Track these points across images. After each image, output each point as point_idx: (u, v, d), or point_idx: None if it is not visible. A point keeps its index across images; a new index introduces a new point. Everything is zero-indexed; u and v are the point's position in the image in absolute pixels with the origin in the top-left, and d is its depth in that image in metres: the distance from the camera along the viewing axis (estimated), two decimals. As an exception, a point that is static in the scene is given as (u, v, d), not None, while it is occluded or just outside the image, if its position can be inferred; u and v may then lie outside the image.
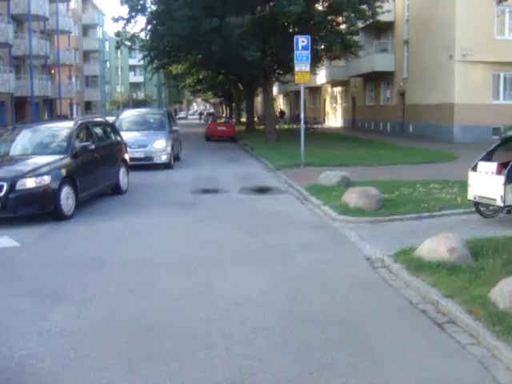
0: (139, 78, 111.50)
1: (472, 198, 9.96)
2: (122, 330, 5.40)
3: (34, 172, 10.71)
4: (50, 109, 53.78)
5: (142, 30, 34.87)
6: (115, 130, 15.25)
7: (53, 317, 5.80)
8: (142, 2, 32.15)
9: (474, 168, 9.90)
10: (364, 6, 31.34)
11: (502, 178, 9.20)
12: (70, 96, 59.21)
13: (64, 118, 45.30)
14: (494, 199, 9.39)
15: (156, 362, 4.71)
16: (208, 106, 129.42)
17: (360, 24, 33.94)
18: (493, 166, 9.50)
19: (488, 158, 9.94)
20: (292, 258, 7.91)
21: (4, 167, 11.31)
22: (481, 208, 10.06)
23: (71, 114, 59.94)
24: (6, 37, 39.27)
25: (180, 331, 5.33)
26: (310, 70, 19.71)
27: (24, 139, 12.79)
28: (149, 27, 33.57)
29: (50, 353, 4.93)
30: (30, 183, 10.48)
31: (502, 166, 9.42)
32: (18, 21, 46.56)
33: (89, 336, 5.30)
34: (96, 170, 12.59)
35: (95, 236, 9.71)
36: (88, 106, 72.40)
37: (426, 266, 6.83)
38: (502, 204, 9.29)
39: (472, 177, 9.90)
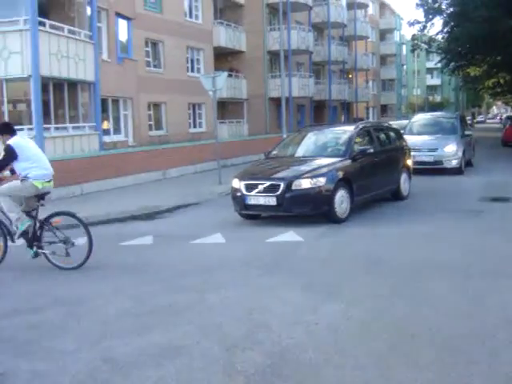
0: (436, 81, 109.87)
1: None
2: (384, 333, 5.44)
3: (311, 173, 11.23)
4: (346, 112, 55.76)
5: (438, 33, 34.45)
6: (399, 135, 15.20)
7: (322, 311, 6.08)
8: (437, 5, 31.72)
9: None
10: None
11: None
12: (366, 99, 60.73)
13: (360, 120, 46.63)
14: None
15: (413, 369, 4.65)
16: (509, 109, 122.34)
17: None
18: None
19: None
20: None
21: (286, 168, 12.06)
22: None
23: (367, 117, 61.41)
24: (307, 44, 41.80)
25: (442, 342, 5.19)
26: None
27: (308, 141, 13.54)
28: (445, 29, 33.00)
29: (313, 345, 5.18)
30: (305, 184, 11.02)
31: None
32: (318, 29, 49.20)
33: (352, 334, 5.45)
34: (374, 175, 12.64)
35: (372, 239, 9.90)
36: (384, 109, 73.45)
37: None
38: None
39: None
